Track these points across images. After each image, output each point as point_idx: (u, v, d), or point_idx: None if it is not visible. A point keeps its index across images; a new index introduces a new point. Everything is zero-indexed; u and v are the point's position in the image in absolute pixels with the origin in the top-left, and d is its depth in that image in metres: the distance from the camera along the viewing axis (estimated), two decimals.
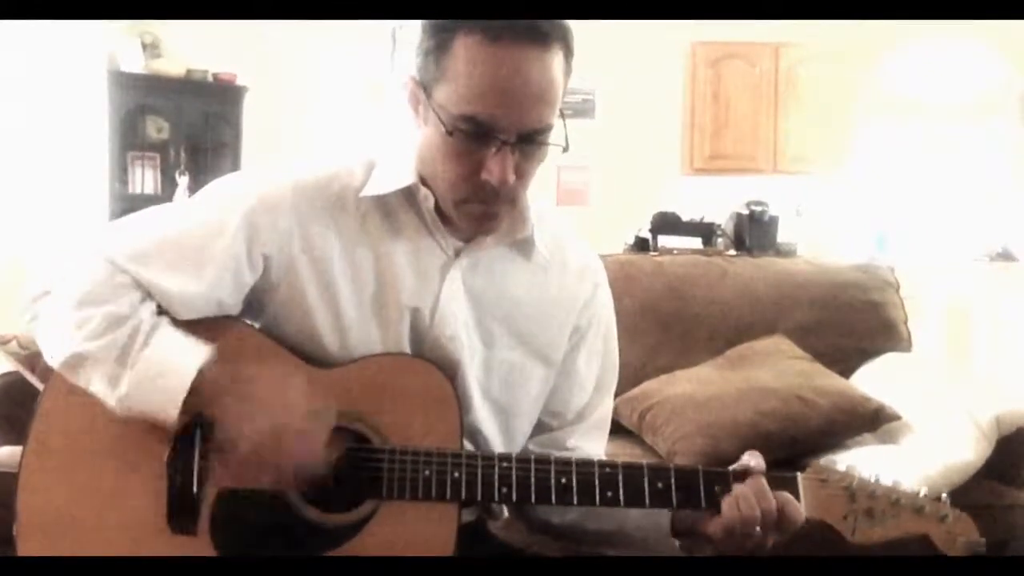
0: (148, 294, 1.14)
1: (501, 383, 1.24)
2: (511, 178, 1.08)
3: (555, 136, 1.12)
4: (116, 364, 1.08)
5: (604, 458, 1.21)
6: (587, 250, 1.33)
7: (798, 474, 1.15)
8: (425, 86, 1.10)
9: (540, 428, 1.30)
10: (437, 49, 1.08)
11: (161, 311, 1.14)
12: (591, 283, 1.31)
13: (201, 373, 1.08)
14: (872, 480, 1.15)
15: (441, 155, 1.11)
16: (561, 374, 1.29)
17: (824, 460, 1.19)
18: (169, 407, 1.08)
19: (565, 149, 1.13)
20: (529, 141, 1.09)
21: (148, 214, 1.21)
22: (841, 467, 1.17)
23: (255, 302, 1.19)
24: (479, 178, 1.09)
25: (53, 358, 1.12)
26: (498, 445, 1.25)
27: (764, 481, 1.13)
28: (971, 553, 1.13)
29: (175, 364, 1.08)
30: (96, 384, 1.09)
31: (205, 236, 1.15)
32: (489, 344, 1.23)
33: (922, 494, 1.14)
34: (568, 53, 1.09)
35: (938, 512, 1.13)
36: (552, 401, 1.30)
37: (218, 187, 1.22)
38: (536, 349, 1.26)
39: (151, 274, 1.14)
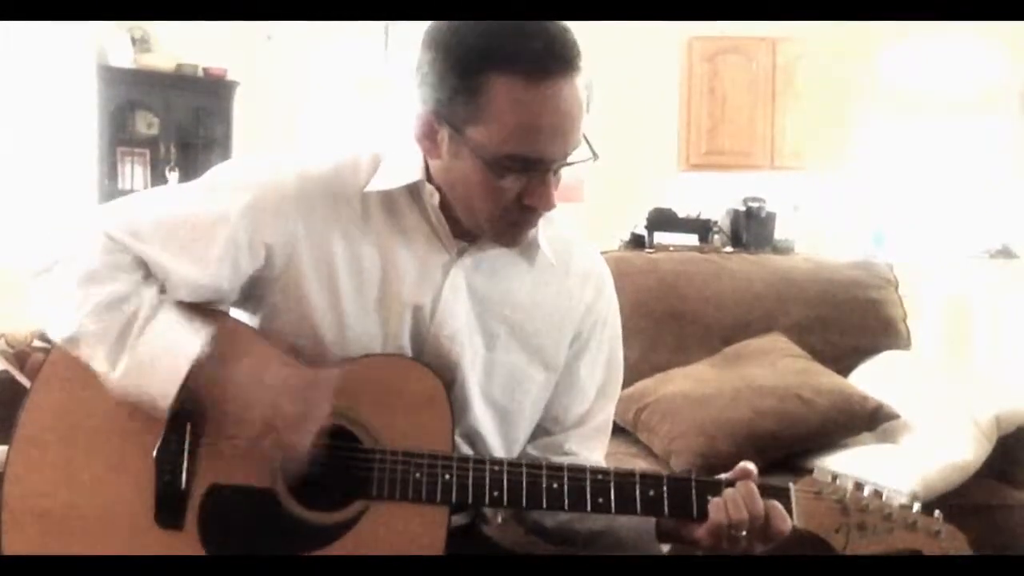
0: (150, 272, 1.14)
1: (502, 386, 1.24)
2: (555, 200, 1.11)
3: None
4: (116, 345, 1.09)
5: (598, 464, 1.21)
6: (594, 255, 1.32)
7: (791, 485, 1.15)
8: (455, 125, 1.08)
9: (539, 432, 1.30)
10: (468, 91, 1.06)
11: (163, 291, 1.14)
12: (594, 288, 1.30)
13: (198, 363, 1.08)
14: (866, 493, 1.14)
15: (481, 189, 1.10)
16: (563, 381, 1.29)
17: (821, 460, 1.17)
18: (161, 398, 1.08)
19: (596, 157, 1.16)
20: (566, 162, 1.11)
21: (151, 195, 1.22)
22: (838, 467, 1.15)
23: (255, 292, 1.18)
24: (523, 203, 1.10)
25: (56, 335, 1.13)
26: (496, 448, 1.25)
27: (754, 486, 1.13)
28: None
29: (171, 353, 1.08)
30: (96, 363, 1.10)
31: (207, 222, 1.14)
32: (490, 346, 1.22)
33: (915, 508, 1.14)
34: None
35: (931, 527, 1.13)
36: (552, 406, 1.30)
37: (223, 172, 1.22)
38: (537, 353, 1.25)
39: (151, 255, 1.14)
